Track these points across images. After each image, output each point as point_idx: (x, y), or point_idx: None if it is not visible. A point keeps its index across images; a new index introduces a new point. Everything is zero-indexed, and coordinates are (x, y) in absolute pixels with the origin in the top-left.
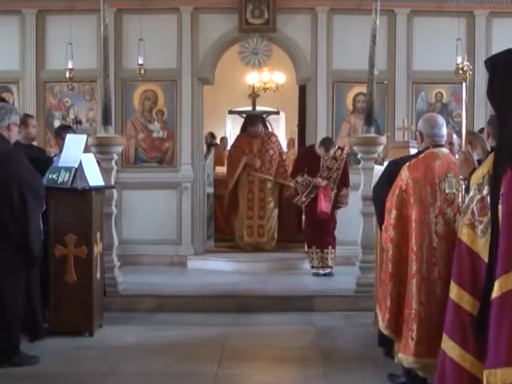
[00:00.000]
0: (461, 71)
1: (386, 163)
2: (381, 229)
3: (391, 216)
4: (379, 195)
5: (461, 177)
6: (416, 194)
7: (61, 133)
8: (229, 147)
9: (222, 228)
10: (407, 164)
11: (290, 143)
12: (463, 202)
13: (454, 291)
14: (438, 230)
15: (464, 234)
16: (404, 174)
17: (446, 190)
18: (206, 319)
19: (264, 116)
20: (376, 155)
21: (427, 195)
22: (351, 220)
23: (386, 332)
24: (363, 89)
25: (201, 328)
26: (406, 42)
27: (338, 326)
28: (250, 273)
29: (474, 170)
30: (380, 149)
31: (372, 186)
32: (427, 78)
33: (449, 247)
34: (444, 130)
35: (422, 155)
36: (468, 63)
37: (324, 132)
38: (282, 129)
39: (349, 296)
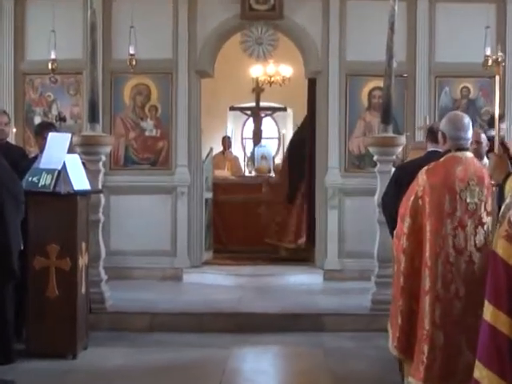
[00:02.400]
0: (492, 63)
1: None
2: (392, 236)
3: (404, 224)
4: (388, 204)
5: (492, 182)
6: (433, 202)
7: (42, 131)
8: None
9: (222, 238)
10: (426, 168)
11: None
12: (496, 210)
13: (489, 312)
14: (456, 244)
15: (500, 247)
16: (421, 178)
17: (468, 200)
18: (204, 340)
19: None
20: (394, 157)
21: (446, 204)
22: (365, 229)
23: (394, 352)
24: (380, 83)
25: (198, 350)
26: (427, 30)
27: (350, 348)
28: (253, 288)
29: (508, 174)
30: (398, 150)
31: None
32: (451, 70)
33: (468, 263)
34: (470, 133)
35: (442, 159)
36: (502, 54)
37: (336, 130)
38: (288, 127)
39: (363, 315)
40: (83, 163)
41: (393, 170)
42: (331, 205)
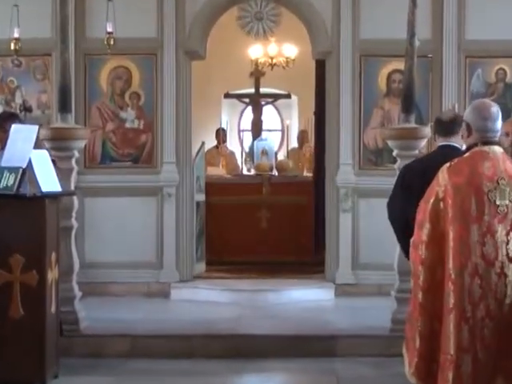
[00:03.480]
0: None
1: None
2: (406, 255)
3: (423, 231)
4: (393, 210)
5: None
6: (457, 205)
7: (3, 123)
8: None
9: (216, 247)
10: (447, 165)
11: (302, 137)
12: None
13: None
14: (485, 253)
15: None
16: (442, 177)
17: (497, 202)
18: (196, 367)
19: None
20: (417, 152)
21: (472, 207)
22: (384, 236)
23: (412, 380)
24: (400, 65)
25: (188, 379)
26: (456, 2)
27: (368, 376)
28: (253, 305)
29: None
30: (422, 143)
31: None
32: (485, 49)
33: (500, 276)
34: (499, 124)
35: (467, 154)
36: None
37: (349, 121)
38: (294, 117)
39: (382, 336)
40: (53, 160)
41: None
42: (343, 208)
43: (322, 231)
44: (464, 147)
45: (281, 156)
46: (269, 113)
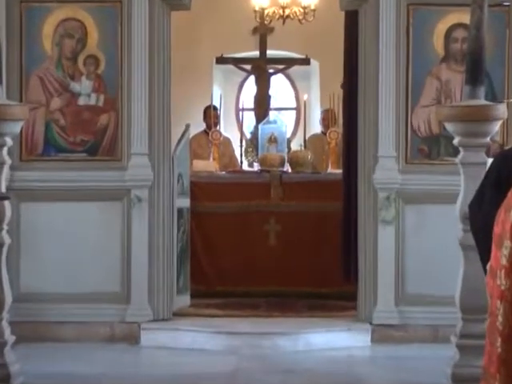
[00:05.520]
0: None
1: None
2: (485, 271)
3: (502, 252)
4: (479, 218)
5: None
6: None
7: None
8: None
9: (205, 273)
10: None
11: (326, 119)
12: None
13: None
14: None
15: None
16: None
17: None
18: None
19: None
20: (488, 140)
21: None
22: (440, 259)
23: None
24: (464, 17)
25: None
26: None
27: None
28: (255, 355)
29: None
30: (495, 128)
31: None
32: None
33: None
34: None
35: None
36: None
37: (391, 97)
38: (314, 91)
39: None
40: None
41: (488, 161)
42: (384, 218)
43: (354, 251)
44: None
45: (296, 145)
46: (279, 85)
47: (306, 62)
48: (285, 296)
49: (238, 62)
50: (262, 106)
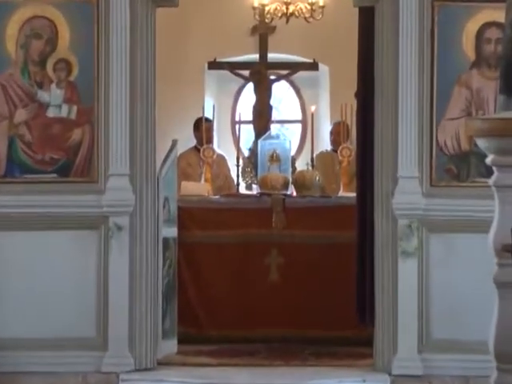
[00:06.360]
0: None
1: None
2: None
3: None
4: None
5: None
6: None
7: None
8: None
9: (196, 314)
10: None
11: (337, 133)
12: None
13: None
14: None
15: None
16: None
17: None
18: None
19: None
20: None
21: None
22: (471, 298)
23: None
24: (498, 15)
25: None
26: None
27: None
28: None
29: None
30: None
31: None
32: None
33: None
34: None
35: None
36: None
37: (413, 107)
38: (323, 100)
39: None
40: None
41: None
42: (405, 250)
43: (370, 288)
44: None
45: (302, 164)
46: (282, 94)
47: (313, 66)
48: (289, 341)
49: (233, 67)
50: (263, 119)
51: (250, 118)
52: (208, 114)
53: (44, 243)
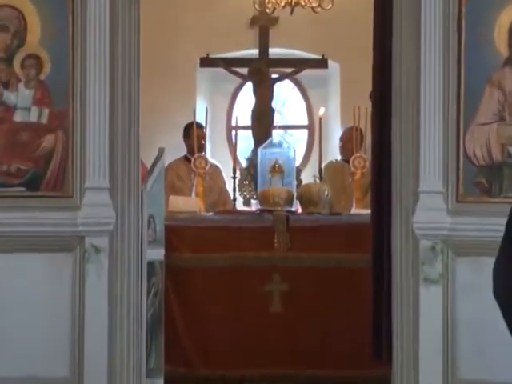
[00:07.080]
0: None
1: None
2: None
3: None
4: (501, 278)
5: None
6: None
7: None
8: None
9: (187, 350)
10: None
11: (349, 141)
12: None
13: None
14: None
15: None
16: None
17: None
18: None
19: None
20: None
21: None
22: (503, 330)
23: None
24: None
25: None
26: None
27: None
28: None
29: None
30: None
31: None
32: None
33: None
34: None
35: None
36: None
37: (437, 111)
38: (332, 103)
39: None
40: None
41: None
42: (427, 276)
43: (387, 320)
44: None
45: (308, 177)
46: (286, 95)
47: (321, 63)
48: (294, 382)
49: (229, 65)
50: (263, 124)
51: (248, 122)
52: (200, 119)
53: (9, 268)
